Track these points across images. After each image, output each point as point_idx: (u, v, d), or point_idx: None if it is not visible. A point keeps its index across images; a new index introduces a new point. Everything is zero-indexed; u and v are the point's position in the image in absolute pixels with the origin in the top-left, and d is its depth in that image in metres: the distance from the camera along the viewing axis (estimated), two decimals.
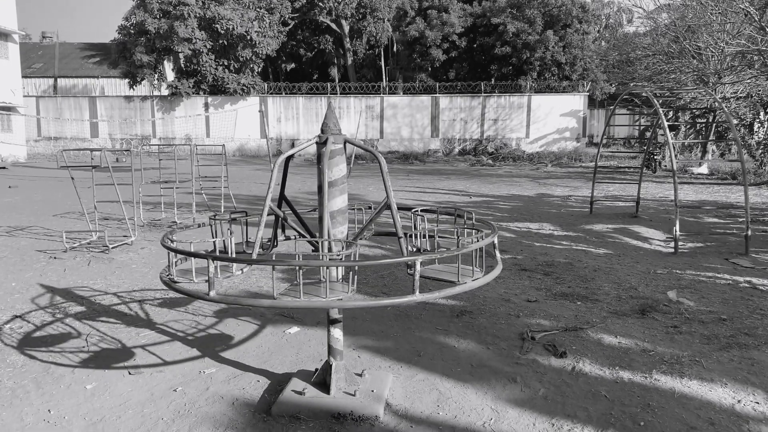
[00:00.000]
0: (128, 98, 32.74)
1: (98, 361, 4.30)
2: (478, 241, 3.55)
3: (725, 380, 3.91)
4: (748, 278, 6.63)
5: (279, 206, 3.87)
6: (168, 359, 4.34)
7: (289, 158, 3.75)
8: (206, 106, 31.93)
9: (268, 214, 3.51)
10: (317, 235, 3.64)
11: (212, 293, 3.07)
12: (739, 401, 3.63)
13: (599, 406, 3.59)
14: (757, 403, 3.61)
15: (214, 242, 3.69)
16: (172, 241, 3.46)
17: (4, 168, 23.71)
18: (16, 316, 5.33)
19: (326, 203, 3.45)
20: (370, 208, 4.41)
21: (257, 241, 3.36)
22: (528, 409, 3.55)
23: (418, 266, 3.06)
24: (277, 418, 3.42)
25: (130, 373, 4.08)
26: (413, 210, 4.21)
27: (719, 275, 6.79)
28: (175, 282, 3.36)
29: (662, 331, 4.89)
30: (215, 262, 3.14)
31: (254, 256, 3.35)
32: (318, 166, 3.52)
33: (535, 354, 4.39)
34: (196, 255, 3.25)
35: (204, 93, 31.79)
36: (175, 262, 3.49)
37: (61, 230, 9.15)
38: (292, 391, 3.61)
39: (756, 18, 16.91)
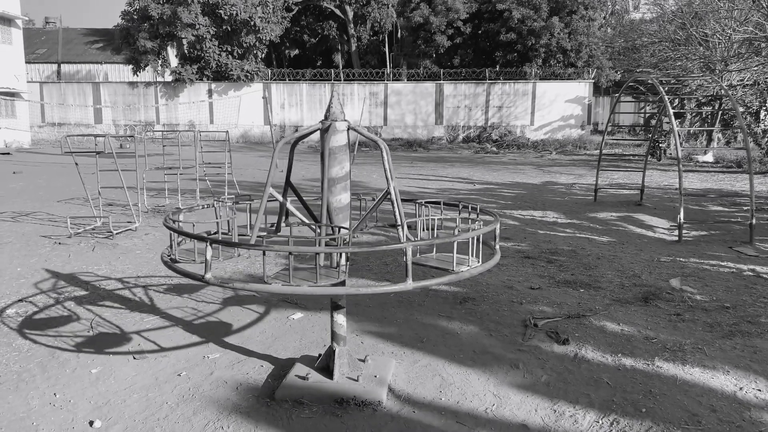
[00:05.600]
0: (132, 84, 32.66)
1: (103, 346, 4.33)
2: (475, 230, 3.54)
3: (727, 368, 3.92)
4: (751, 266, 6.62)
5: (285, 193, 3.86)
6: (172, 344, 4.37)
7: (294, 145, 3.74)
8: (210, 92, 31.84)
9: (272, 201, 3.51)
10: (317, 221, 3.63)
11: (208, 275, 3.06)
12: (741, 388, 3.64)
13: (601, 392, 3.60)
14: (759, 390, 3.62)
15: (217, 223, 3.70)
16: (174, 222, 3.48)
17: (8, 154, 23.74)
18: (22, 301, 5.36)
19: (326, 194, 3.44)
20: (372, 198, 4.39)
21: (256, 224, 3.37)
22: (530, 395, 3.57)
23: (409, 253, 3.05)
24: (280, 402, 3.45)
25: (134, 358, 4.11)
26: (417, 201, 4.20)
27: (723, 263, 6.78)
28: (176, 262, 3.39)
29: (665, 318, 4.89)
30: (213, 245, 3.15)
31: (253, 240, 3.36)
32: (321, 153, 3.51)
33: (537, 341, 4.40)
34: (195, 236, 3.26)
35: (207, 79, 31.69)
36: (178, 242, 3.51)
37: (65, 216, 9.18)
38: (296, 376, 3.63)
39: (764, 4, 16.73)
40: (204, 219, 5.44)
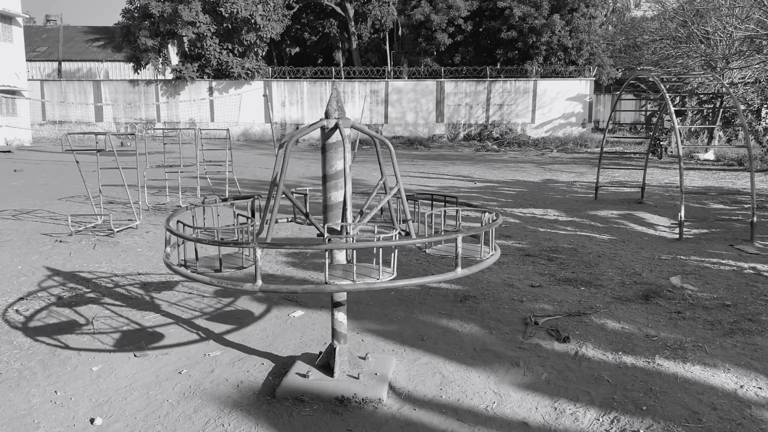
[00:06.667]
0: (133, 82, 32.65)
1: (104, 344, 4.33)
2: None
3: (728, 365, 3.92)
4: (752, 264, 6.61)
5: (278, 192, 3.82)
6: (173, 342, 4.37)
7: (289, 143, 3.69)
8: (210, 90, 31.82)
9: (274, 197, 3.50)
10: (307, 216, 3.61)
11: (166, 252, 3.07)
12: (741, 386, 3.64)
13: (602, 390, 3.60)
14: (760, 388, 3.62)
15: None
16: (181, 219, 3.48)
17: (9, 152, 23.75)
18: (23, 299, 5.37)
19: (329, 193, 3.43)
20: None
21: (268, 221, 3.36)
22: (531, 393, 3.57)
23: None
24: (281, 400, 3.45)
25: (135, 356, 4.12)
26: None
27: (724, 261, 6.78)
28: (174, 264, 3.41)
29: (666, 316, 4.89)
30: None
31: (269, 238, 3.34)
32: (322, 154, 3.51)
33: (538, 339, 4.40)
34: (189, 238, 3.26)
35: (208, 77, 31.67)
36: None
37: (66, 214, 9.18)
38: (296, 373, 3.64)
39: (765, 2, 16.70)
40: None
